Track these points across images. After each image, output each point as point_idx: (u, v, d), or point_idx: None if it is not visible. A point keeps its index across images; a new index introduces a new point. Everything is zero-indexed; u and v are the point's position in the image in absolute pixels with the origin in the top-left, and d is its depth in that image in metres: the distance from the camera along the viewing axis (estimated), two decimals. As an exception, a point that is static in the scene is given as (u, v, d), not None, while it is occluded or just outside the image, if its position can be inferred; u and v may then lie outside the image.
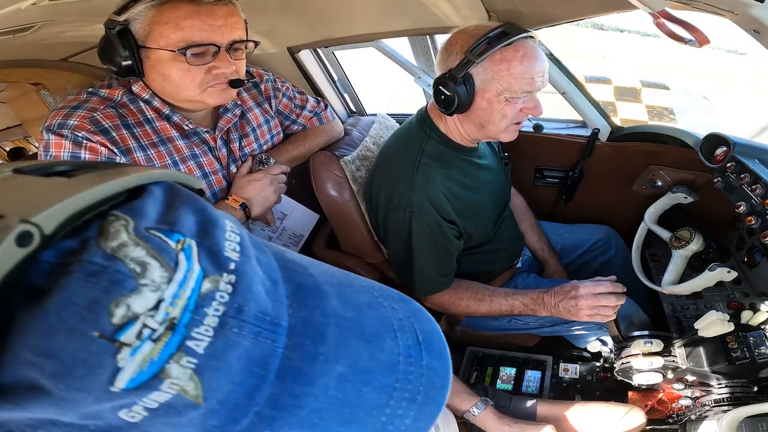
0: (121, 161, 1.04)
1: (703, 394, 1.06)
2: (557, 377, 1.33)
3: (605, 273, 1.59)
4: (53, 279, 0.22)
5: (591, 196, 1.71)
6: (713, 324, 0.98)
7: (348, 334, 0.32)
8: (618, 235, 1.64)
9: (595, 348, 1.33)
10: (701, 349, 1.04)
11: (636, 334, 1.16)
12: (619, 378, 1.17)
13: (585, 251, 1.63)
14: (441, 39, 1.65)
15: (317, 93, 1.71)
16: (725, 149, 1.20)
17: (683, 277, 1.21)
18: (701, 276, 1.11)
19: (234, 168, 1.22)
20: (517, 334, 1.46)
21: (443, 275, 1.27)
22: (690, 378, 1.07)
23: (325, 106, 1.46)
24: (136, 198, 0.26)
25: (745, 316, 1.03)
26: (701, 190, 1.40)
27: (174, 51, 0.95)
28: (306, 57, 1.62)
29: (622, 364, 1.14)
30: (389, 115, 1.72)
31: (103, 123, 1.01)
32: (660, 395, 1.15)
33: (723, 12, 0.73)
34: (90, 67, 1.58)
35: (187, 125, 1.11)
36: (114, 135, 1.02)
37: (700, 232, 1.22)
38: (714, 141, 1.24)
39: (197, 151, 1.14)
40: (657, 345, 1.10)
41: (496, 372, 1.36)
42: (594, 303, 1.12)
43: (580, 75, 3.49)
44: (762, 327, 0.99)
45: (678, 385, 1.09)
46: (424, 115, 1.26)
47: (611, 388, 1.25)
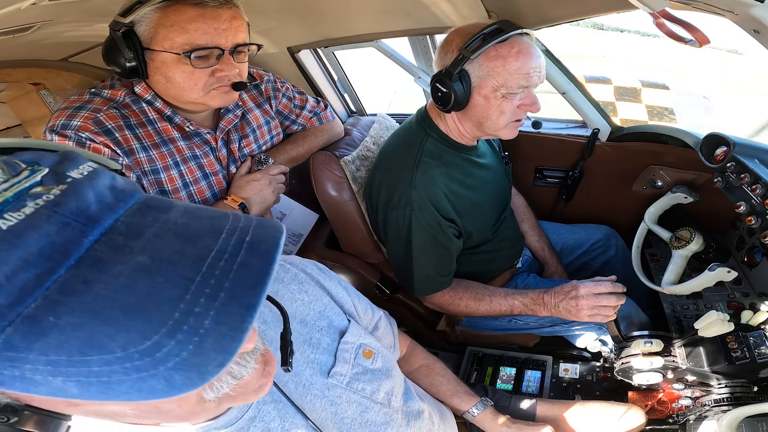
0: (124, 162, 1.04)
1: (703, 394, 1.06)
2: (557, 377, 1.33)
3: (605, 273, 1.59)
4: None
5: (591, 196, 1.71)
6: (713, 324, 0.97)
7: (167, 233, 0.35)
8: (618, 235, 1.64)
9: (595, 348, 1.33)
10: (701, 349, 1.04)
11: (636, 334, 1.16)
12: (619, 378, 1.17)
13: (585, 251, 1.63)
14: (441, 39, 1.65)
15: (317, 93, 1.71)
16: (725, 149, 1.20)
17: (683, 277, 1.21)
18: (701, 276, 1.11)
19: (234, 168, 1.22)
20: (517, 334, 1.46)
21: (442, 275, 1.27)
22: (690, 378, 1.07)
23: (325, 106, 1.46)
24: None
25: (745, 316, 1.02)
26: (701, 190, 1.40)
27: (179, 54, 0.96)
28: (306, 57, 1.62)
29: (622, 364, 1.14)
30: (389, 115, 1.72)
31: (107, 124, 1.02)
32: (660, 395, 1.15)
33: (723, 12, 0.72)
34: (90, 67, 1.58)
35: (189, 126, 1.12)
36: (117, 136, 1.03)
37: (700, 232, 1.22)
38: (714, 141, 1.24)
39: (198, 152, 1.15)
40: (657, 345, 1.10)
41: (496, 372, 1.36)
42: (594, 303, 1.12)
43: (580, 75, 3.49)
44: (762, 327, 0.99)
45: (678, 385, 1.09)
46: (423, 114, 1.26)
47: (611, 388, 1.25)
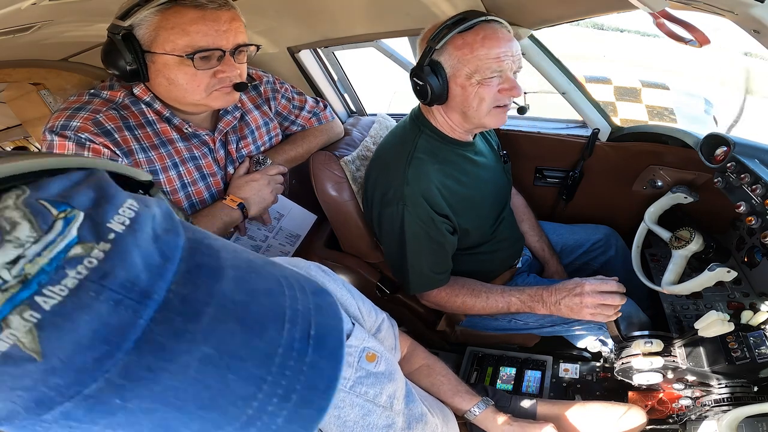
0: (124, 163, 1.04)
1: (703, 394, 1.06)
2: (557, 377, 1.33)
3: (605, 273, 1.59)
4: None
5: (591, 196, 1.71)
6: (713, 324, 0.97)
7: (228, 317, 0.31)
8: (618, 235, 1.63)
9: (595, 348, 1.33)
10: (701, 349, 1.04)
11: (636, 334, 1.16)
12: (619, 378, 1.17)
13: (585, 251, 1.63)
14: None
15: (317, 93, 1.71)
16: (725, 149, 1.20)
17: (683, 277, 1.21)
18: (701, 276, 1.11)
19: (231, 169, 1.23)
20: (517, 334, 1.46)
21: (438, 272, 1.27)
22: (690, 378, 1.07)
23: (325, 106, 1.46)
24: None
25: (745, 316, 1.02)
26: (701, 190, 1.40)
27: (181, 56, 0.96)
28: (306, 57, 1.62)
29: (622, 364, 1.14)
30: (389, 115, 1.72)
31: (106, 125, 1.02)
32: (660, 395, 1.15)
33: (723, 12, 0.73)
34: (90, 67, 1.58)
35: (187, 128, 1.12)
36: (116, 137, 1.03)
37: (700, 232, 1.22)
38: (714, 141, 1.24)
39: (196, 154, 1.15)
40: (657, 345, 1.10)
41: (496, 372, 1.36)
42: (599, 301, 1.12)
43: (580, 75, 3.48)
44: (762, 327, 0.99)
45: (678, 385, 1.09)
46: (417, 112, 1.28)
47: (611, 388, 1.25)
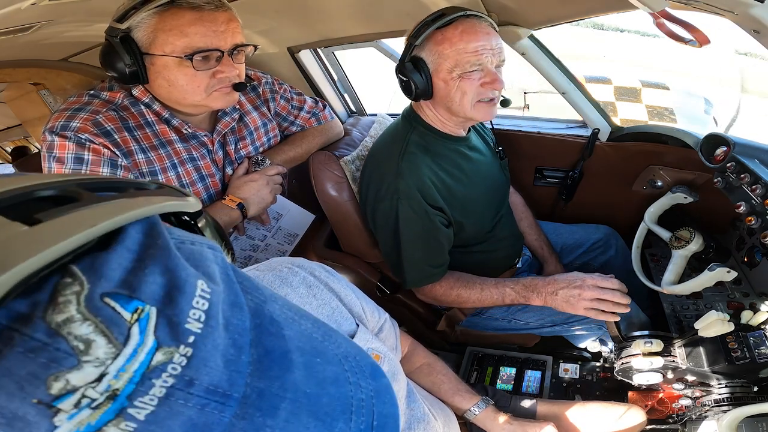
0: (123, 163, 1.04)
1: (703, 394, 1.06)
2: (557, 377, 1.33)
3: (605, 273, 1.59)
4: (1, 341, 0.22)
5: (591, 196, 1.71)
6: (713, 324, 0.97)
7: (302, 410, 0.31)
8: (618, 235, 1.63)
9: (595, 348, 1.33)
10: (701, 349, 1.04)
11: (636, 334, 1.16)
12: (619, 378, 1.17)
13: (585, 251, 1.63)
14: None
15: (317, 93, 1.71)
16: (725, 149, 1.20)
17: (683, 277, 1.21)
18: (701, 276, 1.11)
19: (230, 170, 1.23)
20: (517, 334, 1.46)
21: (434, 266, 1.27)
22: (690, 378, 1.07)
23: (324, 106, 1.47)
24: (107, 244, 0.25)
25: (745, 316, 1.02)
26: (701, 190, 1.40)
27: (181, 57, 0.97)
28: (306, 57, 1.62)
29: (622, 364, 1.14)
30: (389, 115, 1.72)
31: (106, 125, 1.02)
32: (660, 395, 1.15)
33: (723, 12, 0.73)
34: (90, 67, 1.58)
35: (186, 129, 1.12)
36: (116, 137, 1.03)
37: (700, 232, 1.22)
38: (714, 141, 1.24)
39: (195, 155, 1.16)
40: (657, 345, 1.10)
41: (496, 372, 1.36)
42: (597, 295, 1.11)
43: (580, 75, 3.48)
44: (762, 327, 0.99)
45: (678, 385, 1.09)
46: (408, 109, 1.29)
47: (611, 388, 1.25)
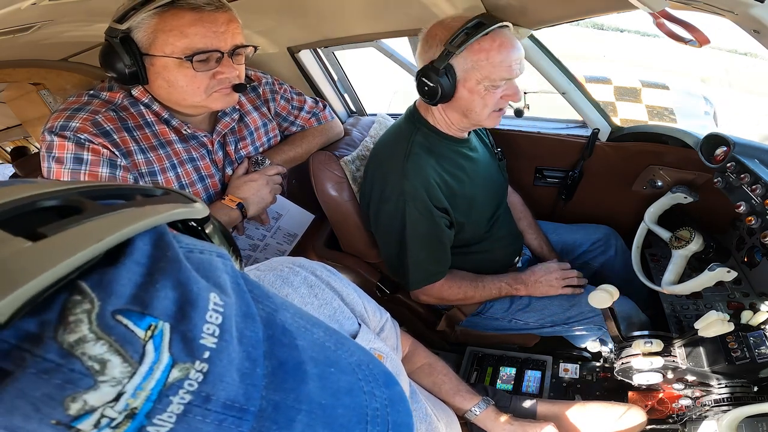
0: (122, 163, 1.04)
1: (703, 394, 1.06)
2: (557, 377, 1.33)
3: (605, 273, 1.60)
4: (12, 361, 0.21)
5: (591, 196, 1.71)
6: (713, 324, 0.97)
7: (317, 422, 0.31)
8: (618, 235, 1.63)
9: (595, 348, 1.33)
10: (701, 349, 1.04)
11: (636, 334, 1.16)
12: (619, 378, 1.17)
13: (585, 251, 1.63)
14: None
15: (317, 93, 1.71)
16: (725, 149, 1.20)
17: (683, 277, 1.21)
18: (701, 276, 1.11)
19: (230, 171, 1.23)
20: (517, 334, 1.46)
21: (437, 266, 1.28)
22: (690, 378, 1.07)
23: (324, 106, 1.47)
24: (114, 257, 0.24)
25: (745, 316, 1.02)
26: (701, 190, 1.40)
27: (181, 58, 0.97)
28: (306, 57, 1.62)
29: (622, 364, 1.14)
30: (389, 115, 1.72)
31: (105, 125, 1.02)
32: (660, 395, 1.15)
33: (723, 12, 0.73)
34: (90, 67, 1.58)
35: (186, 129, 1.12)
36: (115, 137, 1.03)
37: (700, 232, 1.22)
38: (714, 141, 1.24)
39: (195, 155, 1.16)
40: (657, 345, 1.10)
41: (496, 372, 1.36)
42: (566, 275, 1.38)
43: (580, 75, 3.49)
44: (762, 327, 0.99)
45: (678, 385, 1.09)
46: (413, 110, 1.28)
47: (611, 388, 1.25)
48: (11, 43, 1.11)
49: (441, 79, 1.12)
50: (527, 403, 1.12)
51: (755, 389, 1.00)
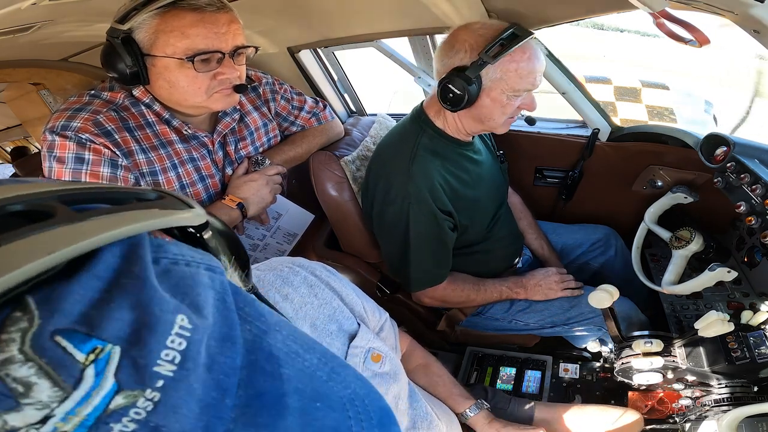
0: (123, 163, 1.04)
1: (703, 394, 1.06)
2: (557, 377, 1.33)
3: (605, 273, 1.60)
4: None
5: (591, 196, 1.71)
6: (713, 324, 0.97)
7: None
8: (618, 235, 1.63)
9: (595, 348, 1.33)
10: (701, 349, 1.04)
11: (636, 334, 1.16)
12: (619, 378, 1.17)
13: (585, 251, 1.63)
14: (441, 39, 1.65)
15: (317, 93, 1.71)
16: (725, 149, 1.20)
17: (683, 277, 1.21)
18: (701, 276, 1.11)
19: (230, 171, 1.23)
20: (517, 334, 1.46)
21: (440, 268, 1.28)
22: (690, 378, 1.07)
23: (324, 106, 1.47)
24: (74, 269, 0.23)
25: (745, 316, 1.02)
26: (701, 190, 1.40)
27: (182, 59, 0.97)
28: (306, 57, 1.62)
29: (622, 364, 1.14)
30: (389, 115, 1.72)
31: (106, 125, 1.02)
32: (660, 395, 1.15)
33: (723, 12, 0.73)
34: (90, 67, 1.58)
35: (186, 129, 1.13)
36: (117, 137, 1.03)
37: (700, 232, 1.22)
38: (714, 141, 1.24)
39: (195, 155, 1.16)
40: (657, 345, 1.10)
41: (496, 372, 1.36)
42: (563, 279, 1.40)
43: (580, 75, 3.48)
44: (762, 327, 0.99)
45: (678, 385, 1.09)
46: (419, 111, 1.28)
47: (611, 388, 1.25)
48: (11, 43, 1.11)
49: (471, 88, 1.11)
50: (525, 406, 1.12)
51: (755, 389, 1.00)
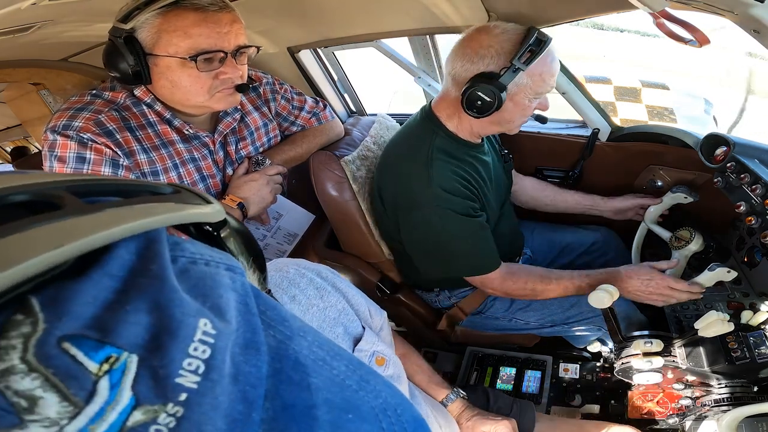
0: (125, 163, 1.04)
1: (703, 394, 1.06)
2: (557, 377, 1.33)
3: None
4: None
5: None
6: (713, 324, 0.97)
7: None
8: (617, 236, 1.64)
9: (595, 348, 1.33)
10: (701, 349, 1.04)
11: (636, 334, 1.16)
12: (619, 378, 1.17)
13: (585, 251, 1.63)
14: (441, 39, 1.65)
15: (317, 93, 1.71)
16: (725, 149, 1.20)
17: (683, 277, 1.21)
18: (701, 276, 1.12)
19: (230, 171, 1.23)
20: (517, 334, 1.46)
21: (488, 253, 1.26)
22: (690, 378, 1.07)
23: (324, 106, 1.47)
24: (86, 267, 0.20)
25: (745, 316, 1.03)
26: (701, 190, 1.40)
27: (185, 58, 0.97)
28: (306, 57, 1.62)
29: (622, 364, 1.14)
30: (389, 115, 1.72)
31: (108, 125, 1.02)
32: (660, 395, 1.15)
33: (723, 12, 0.73)
34: (90, 67, 1.58)
35: (188, 129, 1.13)
36: (118, 137, 1.03)
37: (700, 232, 1.22)
38: (714, 141, 1.24)
39: (197, 155, 1.16)
40: (657, 345, 1.10)
41: (496, 372, 1.36)
42: (668, 295, 1.18)
43: (580, 75, 3.48)
44: (762, 327, 1.00)
45: (678, 385, 1.09)
46: (428, 114, 1.25)
47: (611, 388, 1.25)
48: (11, 43, 1.11)
49: (500, 95, 1.09)
50: (528, 412, 1.11)
51: (755, 389, 1.00)
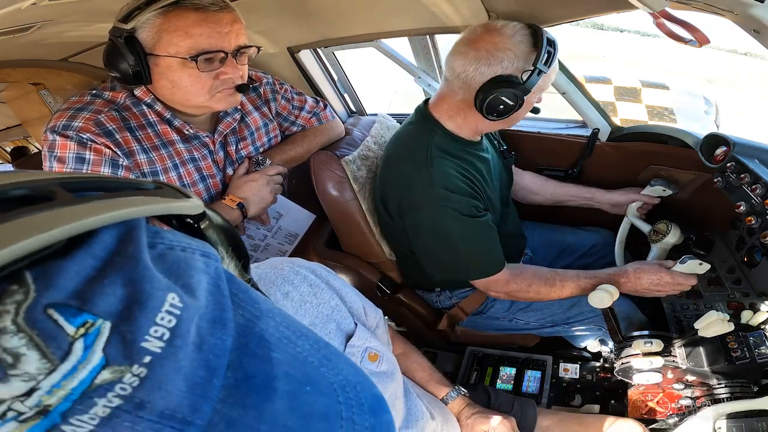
0: (124, 163, 1.04)
1: (703, 394, 1.06)
2: (557, 377, 1.33)
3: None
4: None
5: (591, 196, 1.70)
6: (713, 324, 0.97)
7: None
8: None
9: (595, 348, 1.34)
10: (701, 349, 1.04)
11: (636, 334, 1.16)
12: (619, 378, 1.17)
13: (585, 253, 1.63)
14: (441, 39, 1.65)
15: (317, 93, 1.71)
16: (725, 149, 1.20)
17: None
18: (674, 268, 1.13)
19: (230, 171, 1.23)
20: (517, 334, 1.46)
21: (494, 255, 1.24)
22: (690, 378, 1.07)
23: (325, 106, 1.47)
24: (73, 248, 0.23)
25: (745, 316, 1.03)
26: (701, 189, 1.40)
27: (185, 58, 0.96)
28: (306, 57, 1.62)
29: (622, 364, 1.14)
30: (389, 115, 1.72)
31: (108, 125, 1.02)
32: (660, 395, 1.15)
33: (723, 12, 0.73)
34: (90, 67, 1.58)
35: (188, 130, 1.13)
36: (118, 137, 1.03)
37: (677, 224, 1.22)
38: (714, 141, 1.24)
39: (197, 155, 1.16)
40: (657, 345, 1.10)
41: (496, 372, 1.36)
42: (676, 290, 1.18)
43: (580, 75, 3.48)
44: (762, 327, 1.00)
45: (678, 385, 1.09)
46: (425, 113, 1.24)
47: (611, 388, 1.25)
48: (11, 43, 1.12)
49: (521, 99, 1.08)
50: (529, 410, 1.12)
51: (755, 389, 1.01)
